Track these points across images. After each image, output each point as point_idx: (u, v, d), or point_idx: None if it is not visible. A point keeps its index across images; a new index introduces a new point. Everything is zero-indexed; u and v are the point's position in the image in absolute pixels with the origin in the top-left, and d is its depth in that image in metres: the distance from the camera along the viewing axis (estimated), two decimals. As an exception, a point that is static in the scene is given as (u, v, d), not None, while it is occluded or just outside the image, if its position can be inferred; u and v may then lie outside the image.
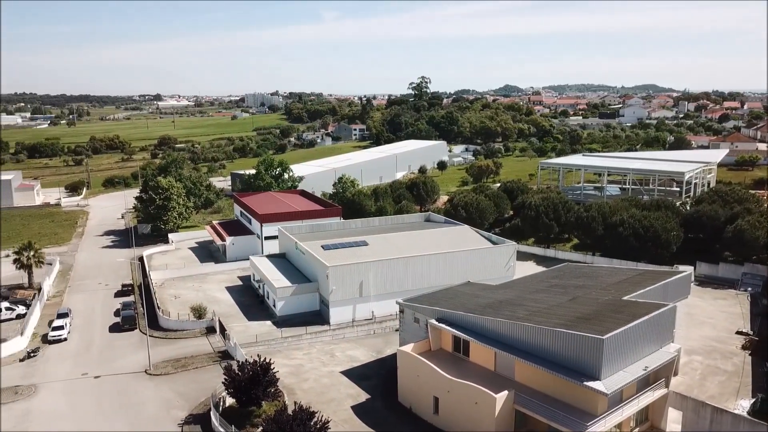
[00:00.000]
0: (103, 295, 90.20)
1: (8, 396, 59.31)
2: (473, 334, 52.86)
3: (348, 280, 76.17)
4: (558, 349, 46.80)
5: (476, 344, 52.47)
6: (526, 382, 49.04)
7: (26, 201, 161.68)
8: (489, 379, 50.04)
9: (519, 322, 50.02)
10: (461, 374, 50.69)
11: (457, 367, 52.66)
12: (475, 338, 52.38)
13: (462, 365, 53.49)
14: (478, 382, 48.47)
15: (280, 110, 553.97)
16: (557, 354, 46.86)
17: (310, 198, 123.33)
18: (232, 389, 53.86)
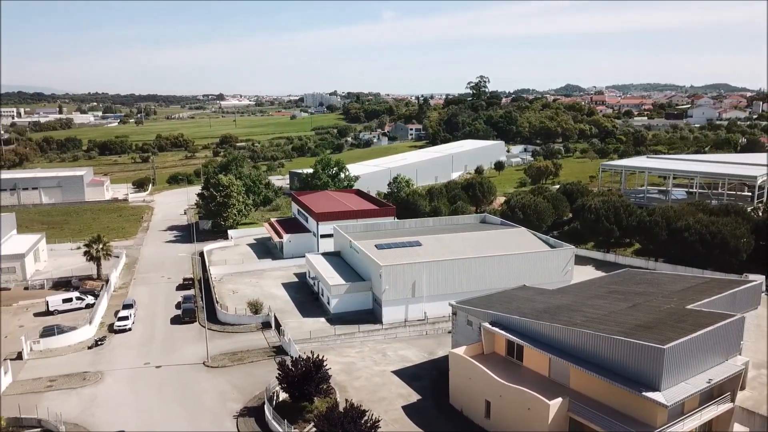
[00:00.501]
0: (166, 288, 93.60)
1: (77, 381, 62.39)
2: (528, 339, 51.92)
3: (401, 280, 76.22)
4: (616, 358, 45.35)
5: (530, 349, 51.51)
6: (581, 389, 47.76)
7: (96, 196, 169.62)
8: (543, 385, 49.01)
9: (576, 328, 48.76)
10: (514, 379, 49.87)
11: (510, 372, 51.83)
12: (529, 343, 51.43)
13: (515, 370, 52.62)
14: (531, 387, 47.55)
15: (338, 110, 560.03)
16: (615, 362, 45.41)
17: (365, 197, 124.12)
18: (286, 384, 54.84)
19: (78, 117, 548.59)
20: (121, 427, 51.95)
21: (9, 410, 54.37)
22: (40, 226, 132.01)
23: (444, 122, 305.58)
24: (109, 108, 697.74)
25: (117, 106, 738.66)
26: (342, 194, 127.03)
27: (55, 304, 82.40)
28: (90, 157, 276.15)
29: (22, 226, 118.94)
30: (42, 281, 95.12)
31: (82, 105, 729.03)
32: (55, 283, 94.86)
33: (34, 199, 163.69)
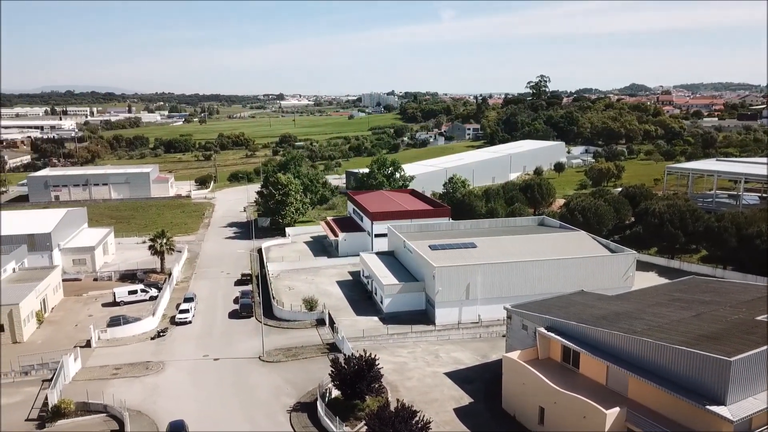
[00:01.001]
0: (224, 282, 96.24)
1: (141, 370, 64.98)
2: (585, 346, 50.57)
3: (455, 281, 75.67)
4: (678, 369, 43.54)
5: (587, 356, 50.13)
6: (639, 399, 46.13)
7: (161, 192, 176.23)
8: (599, 393, 47.61)
9: (636, 336, 47.13)
10: (569, 386, 48.66)
11: (566, 379, 50.60)
12: (586, 350, 50.08)
13: (571, 377, 51.33)
14: (587, 395, 46.27)
15: (395, 110, 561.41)
16: (677, 373, 43.61)
17: (420, 197, 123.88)
18: (338, 381, 55.36)
19: (146, 116, 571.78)
20: (181, 416, 53.66)
21: (77, 395, 57.16)
22: (109, 220, 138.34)
23: (502, 122, 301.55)
24: (175, 107, 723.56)
25: (182, 106, 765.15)
26: (397, 194, 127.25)
27: (122, 295, 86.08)
28: (156, 155, 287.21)
29: (92, 220, 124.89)
30: (110, 273, 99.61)
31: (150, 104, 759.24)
32: (122, 275, 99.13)
33: (104, 194, 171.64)
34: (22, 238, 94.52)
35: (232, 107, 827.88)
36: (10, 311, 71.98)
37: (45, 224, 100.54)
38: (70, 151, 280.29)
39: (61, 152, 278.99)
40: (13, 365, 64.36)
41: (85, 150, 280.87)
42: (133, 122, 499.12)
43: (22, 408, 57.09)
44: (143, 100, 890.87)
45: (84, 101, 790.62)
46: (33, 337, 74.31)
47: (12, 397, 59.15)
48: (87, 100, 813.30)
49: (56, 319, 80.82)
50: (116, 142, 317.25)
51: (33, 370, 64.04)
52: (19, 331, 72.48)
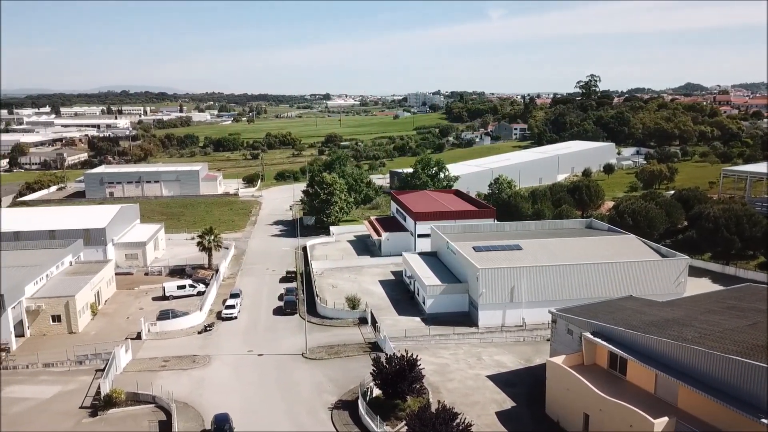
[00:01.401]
0: (270, 279, 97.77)
1: (188, 363, 66.68)
2: (632, 353, 49.18)
3: (499, 283, 74.78)
4: (731, 379, 41.83)
5: (635, 363, 48.73)
6: (690, 410, 44.53)
7: (210, 190, 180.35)
8: (647, 402, 46.21)
9: (687, 344, 45.52)
10: (616, 393, 47.40)
11: (612, 386, 49.32)
12: (634, 357, 48.70)
13: (617, 384, 50.01)
14: (634, 404, 44.96)
15: (440, 109, 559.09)
16: (730, 384, 41.90)
17: (465, 198, 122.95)
18: (380, 381, 55.50)
19: (196, 115, 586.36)
20: (225, 409, 54.77)
21: (128, 385, 59.08)
22: (160, 216, 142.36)
23: (550, 122, 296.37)
24: (224, 107, 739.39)
25: (231, 105, 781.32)
26: (441, 194, 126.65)
27: (171, 290, 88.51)
28: (205, 153, 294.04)
29: (144, 216, 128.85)
30: (160, 268, 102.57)
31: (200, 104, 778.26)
32: (171, 270, 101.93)
33: (155, 191, 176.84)
34: (78, 232, 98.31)
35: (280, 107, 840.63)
36: (66, 302, 75.02)
37: (100, 219, 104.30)
38: (124, 149, 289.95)
39: (116, 150, 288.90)
40: (68, 354, 67.03)
41: (139, 148, 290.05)
42: (184, 121, 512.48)
43: (76, 396, 59.40)
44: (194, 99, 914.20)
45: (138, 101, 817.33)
46: (87, 328, 77.21)
47: (67, 385, 61.62)
48: (141, 100, 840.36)
49: (109, 311, 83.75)
50: (168, 141, 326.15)
51: (87, 359, 66.56)
52: (74, 322, 75.44)
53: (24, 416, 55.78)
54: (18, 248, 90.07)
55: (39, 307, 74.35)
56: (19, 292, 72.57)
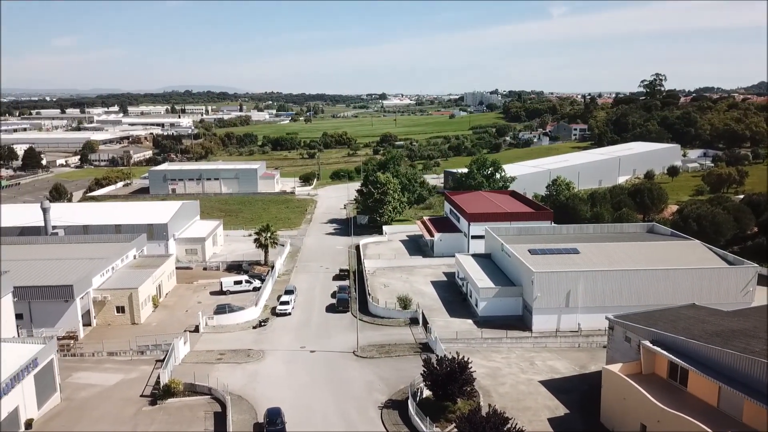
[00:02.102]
0: (323, 277, 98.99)
1: (242, 357, 68.29)
2: (694, 363, 47.16)
3: (554, 288, 73.20)
4: (804, 396, 39.51)
5: (697, 375, 46.70)
6: (756, 425, 42.28)
7: (267, 188, 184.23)
8: (709, 415, 44.19)
9: (754, 357, 43.30)
10: (675, 405, 45.57)
11: (671, 397, 47.45)
12: (696, 368, 46.67)
13: (677, 395, 48.07)
14: (695, 417, 43.10)
15: (497, 109, 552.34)
16: (802, 401, 39.58)
17: (521, 199, 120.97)
18: (430, 382, 55.30)
19: (255, 114, 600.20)
20: (278, 404, 55.79)
21: (185, 376, 61.01)
22: (219, 213, 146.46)
23: (612, 122, 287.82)
24: (282, 106, 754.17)
25: (289, 105, 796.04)
26: (496, 195, 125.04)
27: (228, 285, 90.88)
28: (263, 152, 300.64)
29: (204, 212, 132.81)
30: (218, 263, 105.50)
31: (259, 103, 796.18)
32: (229, 266, 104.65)
33: (215, 188, 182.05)
34: (142, 227, 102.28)
35: (336, 107, 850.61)
36: (130, 294, 78.19)
37: (162, 215, 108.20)
38: (186, 147, 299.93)
39: (178, 148, 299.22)
40: (131, 344, 69.85)
41: (200, 146, 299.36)
42: (244, 120, 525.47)
43: (137, 384, 61.82)
44: (253, 99, 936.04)
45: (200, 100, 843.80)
46: (149, 320, 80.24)
47: (129, 374, 64.21)
48: (203, 99, 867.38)
49: (169, 304, 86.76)
50: (228, 139, 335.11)
51: (148, 350, 69.19)
52: (137, 314, 78.55)
53: (90, 401, 58.49)
54: (86, 241, 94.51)
55: (105, 298, 77.82)
56: (87, 283, 76.12)
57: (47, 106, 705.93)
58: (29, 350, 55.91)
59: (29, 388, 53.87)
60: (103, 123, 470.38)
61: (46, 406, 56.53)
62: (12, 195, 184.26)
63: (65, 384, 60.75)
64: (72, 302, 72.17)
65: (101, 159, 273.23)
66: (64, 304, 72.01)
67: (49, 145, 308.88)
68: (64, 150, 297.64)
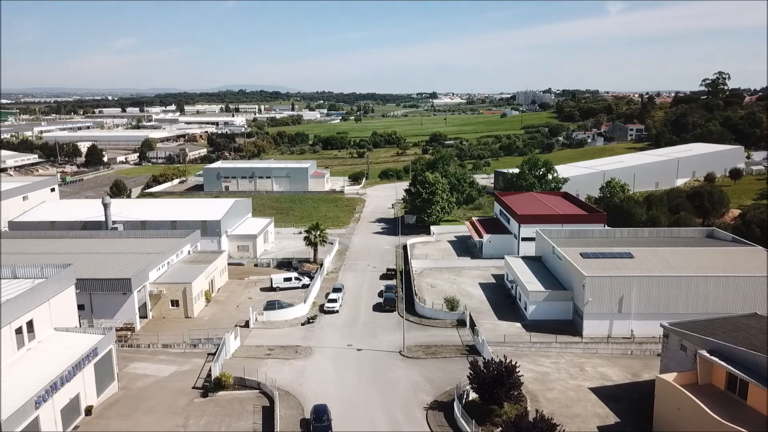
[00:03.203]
0: (370, 276, 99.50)
1: (290, 353, 69.40)
2: (755, 375, 45.15)
3: (607, 292, 71.35)
4: None
5: (758, 387, 44.68)
6: (823, 445, 40.19)
7: (317, 187, 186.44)
8: (771, 431, 42.25)
9: (820, 371, 41.12)
10: (734, 419, 43.75)
11: (729, 410, 45.56)
12: (756, 380, 44.68)
13: (735, 408, 46.12)
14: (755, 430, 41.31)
15: (550, 108, 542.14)
16: None
17: (573, 201, 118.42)
18: (476, 385, 54.81)
19: (307, 114, 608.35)
20: (324, 400, 56.48)
21: (235, 370, 62.47)
22: (270, 211, 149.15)
23: (670, 123, 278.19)
24: (333, 106, 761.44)
25: (340, 104, 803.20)
26: (548, 196, 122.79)
27: (278, 281, 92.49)
28: (314, 151, 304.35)
29: (256, 209, 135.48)
30: (269, 260, 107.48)
31: (311, 103, 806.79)
32: (279, 263, 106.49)
33: (267, 186, 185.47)
34: (196, 223, 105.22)
35: (387, 106, 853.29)
36: (184, 289, 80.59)
37: (216, 212, 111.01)
38: (239, 146, 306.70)
39: (231, 146, 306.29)
40: (184, 337, 72.00)
41: (253, 145, 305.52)
42: (295, 119, 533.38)
43: (189, 376, 63.67)
44: (305, 98, 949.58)
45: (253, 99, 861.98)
46: (201, 314, 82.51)
47: (182, 366, 66.20)
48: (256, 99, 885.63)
49: (221, 299, 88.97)
50: (279, 138, 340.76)
51: (200, 343, 71.15)
52: (190, 308, 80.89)
53: (146, 391, 60.62)
54: (144, 236, 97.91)
55: (160, 291, 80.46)
56: (144, 277, 78.89)
57: (109, 105, 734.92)
58: (90, 340, 58.39)
59: (89, 377, 56.27)
60: (161, 121, 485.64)
61: (105, 394, 58.91)
62: (75, 190, 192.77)
63: (122, 373, 63.17)
64: (130, 295, 74.95)
65: (158, 156, 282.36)
66: (123, 297, 74.88)
67: (110, 142, 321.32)
68: (124, 147, 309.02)
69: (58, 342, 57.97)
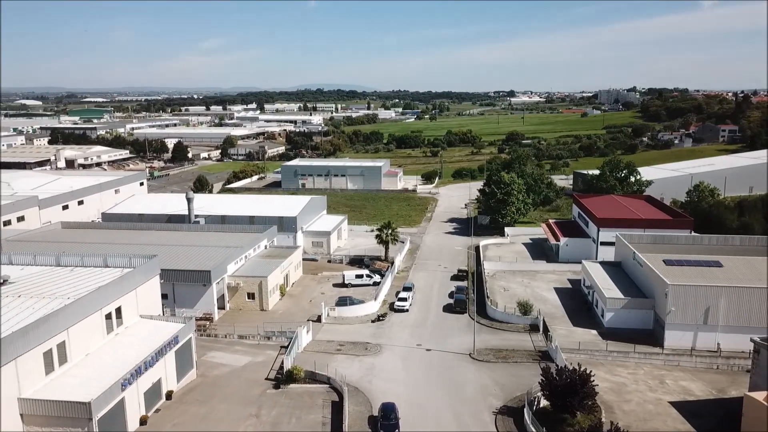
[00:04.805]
0: (441, 276, 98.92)
1: (360, 350, 70.12)
2: None
3: (691, 302, 67.61)
4: None
5: None
6: None
7: (390, 185, 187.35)
8: None
9: None
10: (834, 446, 40.38)
11: (829, 436, 42.10)
12: None
13: (837, 435, 42.55)
14: None
15: (635, 107, 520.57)
16: None
17: (657, 205, 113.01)
18: (548, 392, 53.49)
19: (382, 113, 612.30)
20: (392, 399, 56.66)
21: (307, 364, 63.82)
22: (344, 208, 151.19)
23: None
24: (408, 105, 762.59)
25: (415, 103, 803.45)
26: (630, 200, 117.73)
27: (350, 278, 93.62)
28: (388, 150, 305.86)
29: (330, 207, 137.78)
30: (341, 257, 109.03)
31: (386, 102, 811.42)
32: (351, 259, 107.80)
33: (341, 184, 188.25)
34: (273, 219, 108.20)
35: (462, 104, 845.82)
36: (260, 282, 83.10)
37: (292, 209, 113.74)
38: (316, 144, 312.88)
39: (309, 144, 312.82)
40: (259, 329, 74.26)
41: (329, 143, 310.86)
42: (371, 118, 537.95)
43: (263, 368, 65.61)
44: (381, 97, 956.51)
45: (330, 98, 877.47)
46: (275, 307, 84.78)
47: (256, 357, 68.32)
48: (333, 98, 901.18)
49: (295, 293, 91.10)
50: (355, 137, 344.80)
51: (274, 336, 73.19)
52: (265, 301, 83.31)
53: (222, 379, 63.02)
54: (223, 230, 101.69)
55: (238, 284, 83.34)
56: (223, 270, 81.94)
57: (194, 104, 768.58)
58: (172, 328, 61.31)
59: (170, 363, 59.09)
60: (242, 119, 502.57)
61: (184, 381, 61.69)
62: (162, 185, 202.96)
63: (200, 362, 65.91)
64: (209, 287, 78.09)
65: (239, 153, 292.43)
66: (203, 288, 78.13)
67: (194, 139, 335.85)
68: (208, 144, 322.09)
69: (143, 329, 61.25)
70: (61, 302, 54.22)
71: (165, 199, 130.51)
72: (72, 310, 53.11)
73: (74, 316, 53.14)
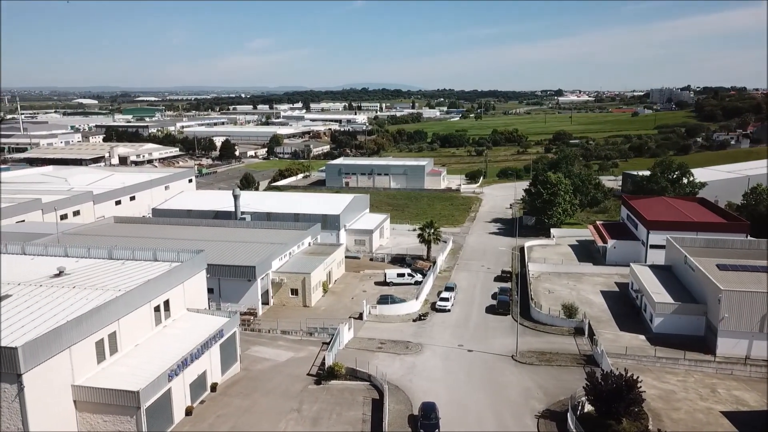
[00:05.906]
0: (484, 277, 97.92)
1: (401, 348, 70.07)
2: None
3: (746, 309, 64.96)
4: None
5: None
6: None
7: (433, 185, 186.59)
8: None
9: None
10: None
11: None
12: None
13: None
14: None
15: (688, 107, 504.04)
16: None
17: (710, 208, 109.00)
18: (593, 397, 52.24)
19: (426, 112, 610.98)
20: (433, 398, 56.39)
21: (348, 361, 64.16)
22: (387, 207, 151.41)
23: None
24: (453, 104, 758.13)
25: (460, 102, 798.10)
26: (681, 202, 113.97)
27: (391, 277, 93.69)
28: (432, 149, 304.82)
29: (373, 205, 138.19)
30: (383, 255, 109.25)
31: (431, 101, 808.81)
32: (393, 258, 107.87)
33: (384, 183, 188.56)
34: (317, 217, 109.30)
35: (509, 103, 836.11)
36: (303, 279, 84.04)
37: (336, 207, 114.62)
38: (360, 143, 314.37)
39: (353, 143, 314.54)
40: (301, 325, 75.12)
41: (373, 142, 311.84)
42: (415, 117, 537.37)
43: (305, 363, 66.32)
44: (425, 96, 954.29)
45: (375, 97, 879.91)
46: (318, 304, 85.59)
47: (299, 353, 69.11)
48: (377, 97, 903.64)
49: (337, 290, 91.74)
50: (399, 136, 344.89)
51: (316, 332, 73.88)
52: (308, 297, 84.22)
53: (265, 374, 64.01)
54: (268, 227, 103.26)
55: (282, 280, 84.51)
56: (267, 265, 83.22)
57: (242, 103, 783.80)
58: (217, 322, 62.62)
59: (215, 356, 60.38)
60: (288, 118, 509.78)
61: (228, 374, 62.92)
62: (210, 182, 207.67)
63: (244, 355, 67.10)
64: (254, 282, 79.45)
65: (285, 152, 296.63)
66: (247, 283, 79.57)
67: (241, 138, 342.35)
68: (254, 142, 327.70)
69: (190, 322, 62.75)
70: (113, 294, 56.02)
71: (212, 196, 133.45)
72: (123, 301, 54.86)
73: (125, 307, 54.88)
